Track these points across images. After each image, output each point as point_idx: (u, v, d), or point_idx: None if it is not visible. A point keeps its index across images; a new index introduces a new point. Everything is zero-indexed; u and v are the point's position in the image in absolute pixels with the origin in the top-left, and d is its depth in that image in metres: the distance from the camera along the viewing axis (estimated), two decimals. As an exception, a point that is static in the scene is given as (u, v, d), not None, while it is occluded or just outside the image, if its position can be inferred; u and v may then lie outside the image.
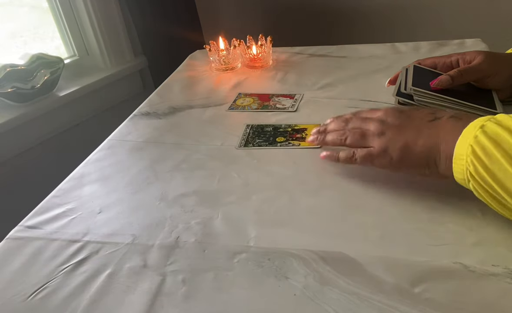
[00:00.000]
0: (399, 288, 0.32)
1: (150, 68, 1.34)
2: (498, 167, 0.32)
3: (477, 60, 0.53)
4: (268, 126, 0.59)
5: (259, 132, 0.58)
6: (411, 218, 0.39)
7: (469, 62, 0.54)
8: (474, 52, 0.54)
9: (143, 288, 0.35)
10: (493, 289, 0.31)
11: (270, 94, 0.69)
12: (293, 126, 0.58)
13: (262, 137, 0.57)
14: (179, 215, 0.43)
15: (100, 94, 1.20)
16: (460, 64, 0.55)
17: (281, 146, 0.54)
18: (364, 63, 0.75)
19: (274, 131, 0.58)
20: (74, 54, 1.21)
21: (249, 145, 0.55)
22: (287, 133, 0.57)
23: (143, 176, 0.50)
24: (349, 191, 0.44)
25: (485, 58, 0.52)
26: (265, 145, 0.55)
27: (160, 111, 0.67)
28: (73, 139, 1.16)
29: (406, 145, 0.39)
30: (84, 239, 0.41)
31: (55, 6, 1.13)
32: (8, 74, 0.95)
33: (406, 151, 0.39)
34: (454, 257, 0.34)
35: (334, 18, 1.41)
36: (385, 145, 0.41)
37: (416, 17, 1.31)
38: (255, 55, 0.79)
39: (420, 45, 0.79)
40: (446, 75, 0.52)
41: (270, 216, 0.41)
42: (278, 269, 0.35)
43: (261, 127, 0.59)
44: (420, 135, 0.39)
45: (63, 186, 0.50)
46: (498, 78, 0.53)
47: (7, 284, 0.37)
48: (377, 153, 0.41)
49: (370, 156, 0.42)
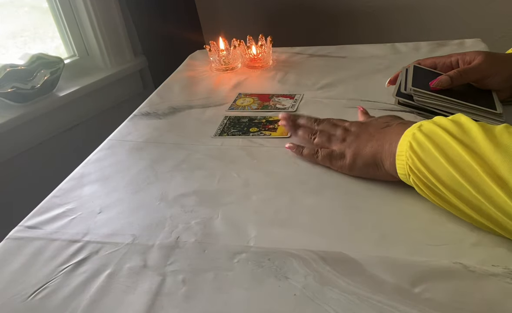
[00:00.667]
0: (399, 288, 0.32)
1: (150, 68, 1.34)
2: (430, 158, 0.36)
3: (476, 60, 0.53)
4: (245, 118, 0.62)
5: (235, 123, 0.61)
6: (411, 218, 0.39)
7: (468, 63, 0.54)
8: (474, 52, 0.54)
9: (143, 288, 0.35)
10: (493, 289, 0.31)
11: (270, 94, 0.69)
12: (268, 118, 0.61)
13: (237, 127, 0.60)
14: (179, 215, 0.43)
15: (100, 94, 1.20)
16: (460, 65, 0.55)
17: (253, 136, 0.57)
18: (364, 63, 0.75)
19: (249, 122, 0.61)
20: (74, 54, 1.21)
21: (224, 134, 0.58)
22: (261, 124, 0.60)
23: (143, 176, 0.50)
24: (349, 191, 0.44)
25: (485, 58, 0.52)
26: (238, 134, 0.58)
27: (160, 111, 0.67)
28: (73, 139, 1.16)
29: (358, 149, 0.45)
30: (84, 239, 0.41)
31: (55, 6, 1.13)
32: (8, 74, 0.95)
33: (357, 154, 0.44)
34: (454, 257, 0.34)
35: (334, 18, 1.41)
36: (343, 149, 0.46)
37: (416, 17, 1.31)
38: (255, 55, 0.79)
39: (420, 45, 0.79)
40: (446, 75, 0.52)
41: (270, 216, 0.41)
42: (278, 269, 0.35)
43: (237, 118, 0.62)
44: (370, 140, 0.44)
45: (63, 186, 0.50)
46: (498, 78, 0.53)
47: (7, 284, 0.37)
48: (335, 155, 0.46)
49: (329, 157, 0.47)
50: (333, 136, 0.48)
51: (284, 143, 0.53)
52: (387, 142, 0.42)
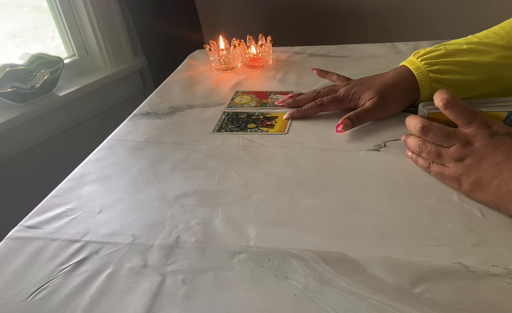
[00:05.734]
0: (399, 288, 0.32)
1: (150, 68, 1.34)
2: None
3: (368, 103, 0.54)
4: (243, 114, 0.62)
5: (233, 119, 0.61)
6: (411, 218, 0.39)
7: (363, 104, 0.55)
8: (370, 91, 0.55)
9: (143, 288, 0.35)
10: (493, 289, 0.31)
11: (267, 91, 0.69)
12: (265, 114, 0.61)
13: (235, 123, 0.60)
14: (179, 215, 0.43)
15: (100, 94, 1.20)
16: (359, 101, 0.56)
17: (250, 132, 0.57)
18: (364, 63, 0.75)
19: (247, 118, 0.61)
20: (74, 54, 1.21)
21: (222, 130, 0.59)
22: (259, 120, 0.60)
23: (143, 176, 0.50)
24: (349, 191, 0.44)
25: (377, 102, 0.54)
26: (236, 130, 0.58)
27: (160, 111, 0.67)
28: (73, 139, 1.16)
29: (478, 183, 0.38)
30: (84, 239, 0.41)
31: (55, 6, 1.13)
32: (8, 74, 0.95)
33: (477, 188, 0.38)
34: (454, 257, 0.34)
35: (334, 18, 1.41)
36: (458, 174, 0.40)
37: (416, 17, 1.31)
38: (255, 55, 0.79)
39: (420, 45, 0.79)
40: (347, 119, 0.53)
41: (270, 216, 0.41)
42: (278, 269, 0.35)
43: (236, 114, 0.63)
44: (496, 176, 0.37)
45: (63, 186, 0.50)
46: (390, 114, 0.55)
47: (7, 284, 0.37)
48: (448, 176, 0.41)
49: (441, 175, 0.42)
50: (444, 150, 0.41)
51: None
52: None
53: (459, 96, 0.43)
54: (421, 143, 0.44)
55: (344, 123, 0.52)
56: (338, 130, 0.52)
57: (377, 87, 0.55)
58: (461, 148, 0.40)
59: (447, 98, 0.42)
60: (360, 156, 0.49)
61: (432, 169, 0.43)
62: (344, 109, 0.58)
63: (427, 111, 0.47)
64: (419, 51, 0.54)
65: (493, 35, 0.52)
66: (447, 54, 0.52)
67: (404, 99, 0.54)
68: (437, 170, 0.43)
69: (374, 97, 0.54)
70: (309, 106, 0.58)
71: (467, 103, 0.42)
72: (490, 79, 0.51)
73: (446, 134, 0.41)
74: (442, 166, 0.42)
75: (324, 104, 0.57)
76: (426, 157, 0.44)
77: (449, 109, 0.42)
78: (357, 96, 0.56)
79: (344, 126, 0.52)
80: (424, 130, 0.43)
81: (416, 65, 0.53)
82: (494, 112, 0.45)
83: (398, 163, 0.47)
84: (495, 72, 0.50)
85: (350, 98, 0.57)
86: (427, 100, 0.50)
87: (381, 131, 0.53)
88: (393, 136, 0.52)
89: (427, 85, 0.52)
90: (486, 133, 0.39)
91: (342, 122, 0.52)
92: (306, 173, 0.47)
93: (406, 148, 0.48)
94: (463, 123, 0.41)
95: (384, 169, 0.46)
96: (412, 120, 0.45)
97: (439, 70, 0.51)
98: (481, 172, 0.38)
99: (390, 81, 0.54)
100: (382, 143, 0.51)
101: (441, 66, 0.51)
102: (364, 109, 0.54)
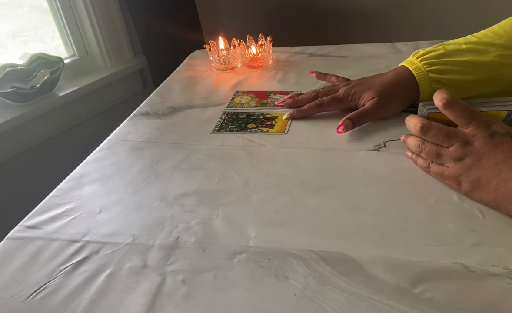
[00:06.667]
0: (399, 288, 0.32)
1: (150, 68, 1.34)
2: None
3: (368, 104, 0.54)
4: (243, 114, 0.62)
5: (233, 119, 0.61)
6: (411, 218, 0.39)
7: (364, 103, 0.55)
8: (370, 92, 0.55)
9: (143, 288, 0.35)
10: (493, 289, 0.31)
11: (267, 91, 0.69)
12: (265, 114, 0.61)
13: (235, 123, 0.60)
14: (179, 215, 0.43)
15: (100, 94, 1.20)
16: (359, 102, 0.56)
17: (250, 132, 0.57)
18: (364, 63, 0.75)
19: (247, 118, 0.61)
20: (74, 54, 1.21)
21: (222, 130, 0.59)
22: (259, 120, 0.60)
23: (143, 176, 0.50)
24: (349, 191, 0.44)
25: (377, 102, 0.54)
26: (236, 130, 0.58)
27: (160, 111, 0.67)
28: (73, 139, 1.16)
29: (477, 182, 0.38)
30: (84, 239, 0.41)
31: (55, 6, 1.13)
32: (8, 74, 0.95)
33: (476, 187, 0.38)
34: (454, 257, 0.34)
35: (334, 18, 1.41)
36: (457, 174, 0.40)
37: (416, 17, 1.31)
38: (255, 55, 0.79)
39: (420, 45, 0.79)
40: (348, 120, 0.53)
41: (270, 216, 0.41)
42: (278, 269, 0.35)
43: (236, 114, 0.63)
44: (496, 175, 0.37)
45: (63, 186, 0.50)
46: (390, 114, 0.55)
47: (7, 284, 0.37)
48: (448, 176, 0.41)
49: (441, 175, 0.42)
50: (444, 150, 0.42)
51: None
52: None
53: (458, 96, 0.43)
54: (420, 143, 0.44)
55: (345, 124, 0.52)
56: (339, 131, 0.52)
57: (377, 87, 0.55)
58: (460, 147, 0.40)
59: (447, 98, 0.42)
60: (360, 156, 0.49)
61: (431, 169, 0.43)
62: (344, 109, 0.58)
63: (427, 111, 0.47)
64: (418, 51, 0.54)
65: (492, 34, 0.52)
66: (446, 54, 0.52)
67: (404, 99, 0.54)
68: (436, 170, 0.43)
69: (374, 97, 0.54)
70: (309, 106, 0.58)
71: (466, 103, 0.42)
72: (489, 79, 0.51)
73: (446, 133, 0.41)
74: (441, 166, 0.42)
75: (324, 104, 0.57)
76: (426, 157, 0.44)
77: (449, 109, 0.42)
78: (357, 96, 0.56)
79: (345, 127, 0.52)
80: (423, 129, 0.43)
81: (416, 65, 0.53)
82: (494, 111, 0.45)
83: (398, 163, 0.47)
84: (495, 71, 0.50)
85: (350, 98, 0.57)
86: (426, 100, 0.50)
87: (381, 131, 0.53)
88: (393, 136, 0.52)
89: (427, 85, 0.52)
90: (485, 132, 0.39)
91: (342, 123, 0.52)
92: (306, 173, 0.47)
93: (406, 148, 0.48)
94: (462, 122, 0.41)
95: (384, 169, 0.46)
96: (412, 120, 0.45)
97: (438, 70, 0.51)
98: (480, 172, 0.38)
99: (390, 81, 0.55)
100: (382, 143, 0.51)
101: (441, 66, 0.51)
102: (364, 109, 0.54)
